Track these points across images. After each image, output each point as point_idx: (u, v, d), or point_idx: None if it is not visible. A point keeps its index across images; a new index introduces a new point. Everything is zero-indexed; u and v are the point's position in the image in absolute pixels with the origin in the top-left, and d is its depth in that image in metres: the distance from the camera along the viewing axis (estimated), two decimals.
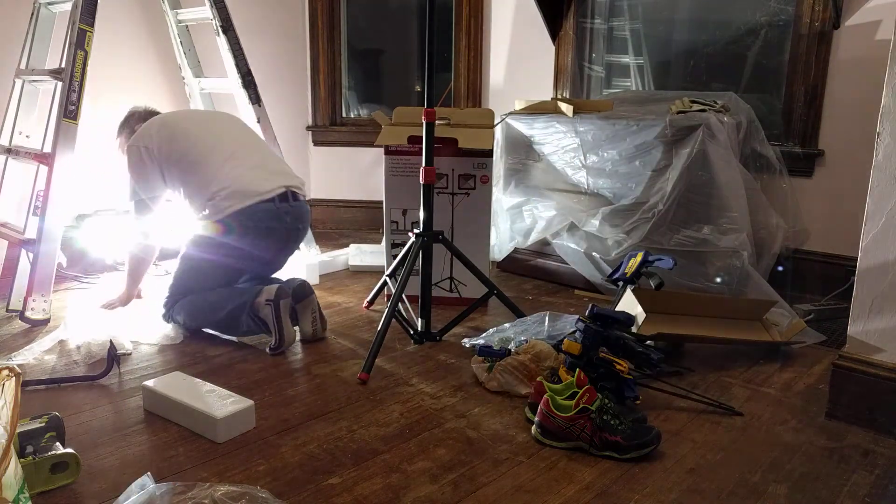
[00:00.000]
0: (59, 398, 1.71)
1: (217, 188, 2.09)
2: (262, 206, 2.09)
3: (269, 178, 2.15)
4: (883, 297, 1.56)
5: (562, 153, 2.67)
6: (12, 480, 1.10)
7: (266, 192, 2.11)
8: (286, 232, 2.16)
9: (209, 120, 2.40)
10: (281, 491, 1.33)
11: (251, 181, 2.12)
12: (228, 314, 2.05)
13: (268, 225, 2.10)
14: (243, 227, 2.07)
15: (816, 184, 2.61)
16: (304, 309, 2.10)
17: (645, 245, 2.38)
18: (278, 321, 2.00)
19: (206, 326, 2.15)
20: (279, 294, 2.01)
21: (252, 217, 2.07)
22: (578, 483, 1.38)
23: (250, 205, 2.07)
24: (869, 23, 2.42)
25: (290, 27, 3.64)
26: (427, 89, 2.01)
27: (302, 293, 2.10)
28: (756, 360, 2.01)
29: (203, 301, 2.11)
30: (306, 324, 2.11)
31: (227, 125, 2.36)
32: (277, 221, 2.11)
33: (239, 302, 2.04)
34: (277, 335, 2.01)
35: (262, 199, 2.09)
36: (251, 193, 2.09)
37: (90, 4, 2.30)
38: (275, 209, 2.11)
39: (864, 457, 1.49)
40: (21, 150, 2.47)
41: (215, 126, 2.32)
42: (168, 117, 2.34)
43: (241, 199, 2.07)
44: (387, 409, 1.68)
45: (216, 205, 2.08)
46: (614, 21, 3.18)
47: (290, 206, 2.15)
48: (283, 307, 2.01)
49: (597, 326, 1.70)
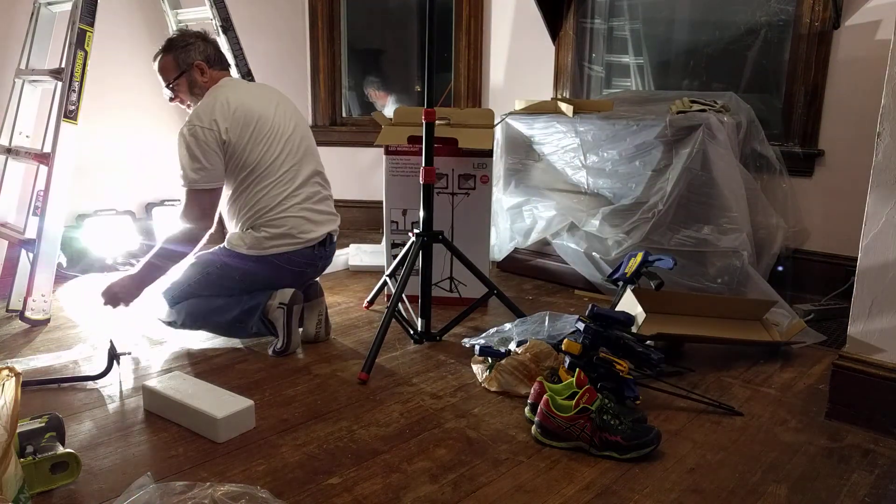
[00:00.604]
0: (58, 398, 1.71)
1: (269, 219, 2.01)
2: (304, 252, 2.07)
3: (319, 220, 2.10)
4: (883, 297, 1.56)
5: (562, 153, 2.67)
6: (12, 480, 1.10)
7: (313, 239, 2.08)
8: (314, 273, 2.17)
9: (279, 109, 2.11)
10: (281, 491, 1.33)
11: (303, 225, 2.05)
12: (237, 317, 2.03)
13: (303, 270, 2.10)
14: (278, 267, 2.04)
15: (816, 184, 2.61)
16: (312, 310, 2.10)
17: (645, 245, 2.38)
18: (288, 325, 2.00)
19: (208, 328, 2.11)
20: (293, 300, 2.01)
21: (290, 262, 2.05)
22: (578, 483, 1.38)
23: (295, 250, 2.05)
24: (869, 23, 2.42)
25: (291, 27, 3.64)
26: (427, 89, 2.01)
27: (312, 293, 2.10)
28: (756, 360, 2.01)
29: (209, 304, 2.06)
30: (311, 325, 2.10)
31: (292, 121, 2.14)
32: (311, 267, 2.12)
33: (251, 304, 2.02)
34: (286, 339, 2.00)
35: (307, 245, 2.06)
36: (301, 240, 2.05)
37: (90, 4, 2.31)
38: (313, 255, 2.10)
39: (864, 457, 1.49)
40: (21, 150, 2.47)
41: (284, 123, 2.09)
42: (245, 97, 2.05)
43: (288, 244, 2.03)
44: (387, 409, 1.68)
45: (260, 240, 2.01)
46: (614, 21, 3.18)
47: (325, 251, 2.14)
48: (294, 312, 2.01)
49: (597, 326, 1.70)
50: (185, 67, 2.10)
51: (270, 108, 2.09)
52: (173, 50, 2.12)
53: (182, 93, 2.13)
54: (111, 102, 2.96)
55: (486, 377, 1.80)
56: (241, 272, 2.04)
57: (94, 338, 2.12)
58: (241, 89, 2.11)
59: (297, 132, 2.13)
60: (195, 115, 2.00)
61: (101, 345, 2.03)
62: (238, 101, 2.02)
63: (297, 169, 2.08)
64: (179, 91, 2.13)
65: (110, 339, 1.88)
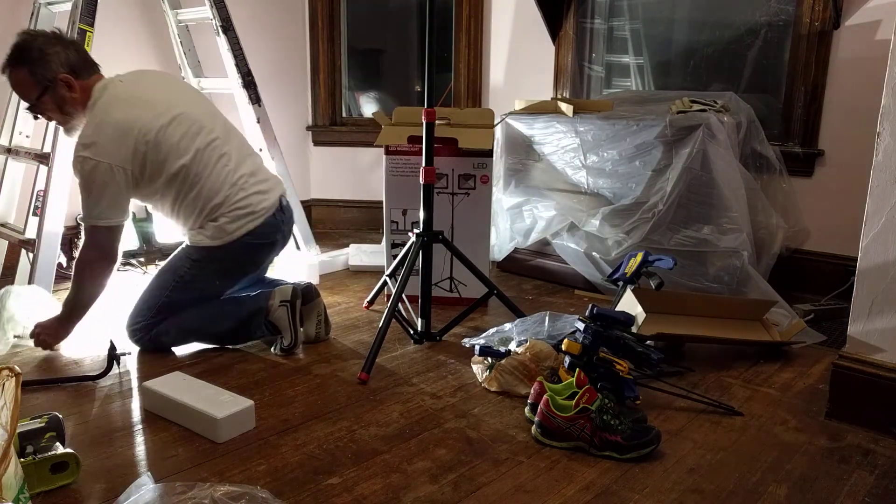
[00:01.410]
0: (58, 398, 1.71)
1: (225, 209, 1.95)
2: (268, 221, 2.02)
3: (267, 188, 2.06)
4: (883, 297, 1.56)
5: (562, 153, 2.68)
6: (12, 480, 1.10)
7: (271, 206, 2.03)
8: (283, 241, 2.15)
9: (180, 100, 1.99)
10: (281, 491, 1.33)
11: (257, 197, 2.00)
12: (236, 324, 2.01)
13: (272, 239, 2.08)
14: (250, 246, 2.02)
15: (816, 183, 2.61)
16: (311, 312, 2.09)
17: (645, 245, 2.38)
18: (293, 322, 2.00)
19: (203, 340, 2.05)
20: (294, 295, 2.01)
21: (260, 236, 2.02)
22: (578, 483, 1.38)
23: (260, 224, 2.00)
24: (869, 23, 2.42)
25: (291, 27, 3.64)
26: (427, 89, 2.01)
27: (309, 296, 2.09)
28: (756, 360, 2.01)
29: (200, 315, 2.01)
30: (311, 326, 2.10)
31: (196, 102, 2.04)
32: (279, 234, 2.10)
33: (251, 309, 2.01)
34: (293, 335, 2.00)
35: (268, 215, 2.02)
36: (260, 213, 2.00)
37: (90, 4, 2.31)
38: (276, 222, 2.06)
39: (865, 457, 1.49)
40: (21, 150, 2.47)
41: (191, 109, 1.97)
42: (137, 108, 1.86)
43: (251, 220, 1.98)
44: (387, 409, 1.68)
45: (222, 228, 1.95)
46: (614, 21, 3.18)
47: (285, 215, 2.12)
48: (297, 307, 2.02)
49: (597, 326, 1.70)
50: (47, 84, 1.83)
51: (169, 101, 1.91)
52: (27, 63, 1.81)
53: (50, 111, 1.90)
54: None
55: (486, 377, 1.80)
56: (215, 265, 1.99)
57: (94, 338, 2.12)
58: (127, 98, 1.88)
59: (205, 110, 2.00)
60: (81, 143, 1.81)
61: (101, 345, 2.03)
62: (133, 120, 1.82)
63: (228, 150, 1.99)
64: (46, 110, 1.89)
65: (110, 339, 1.88)
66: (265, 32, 3.50)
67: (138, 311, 2.00)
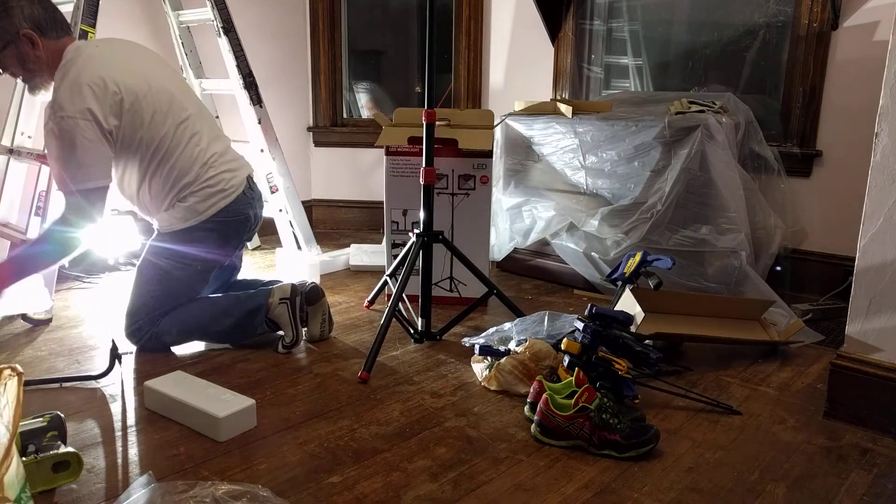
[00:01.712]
0: (60, 397, 1.72)
1: (195, 188, 1.94)
2: (240, 198, 2.03)
3: (237, 166, 2.06)
4: (881, 297, 1.57)
5: (561, 154, 2.68)
6: (14, 479, 1.10)
7: (240, 184, 2.04)
8: (255, 219, 2.16)
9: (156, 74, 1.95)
10: (282, 489, 1.33)
11: (227, 175, 2.01)
12: (237, 322, 2.02)
13: (246, 216, 2.09)
14: (224, 223, 2.01)
15: (814, 184, 2.61)
16: (316, 311, 2.10)
17: (643, 245, 2.39)
18: (294, 318, 2.02)
19: (205, 339, 2.06)
20: (293, 292, 2.03)
21: (233, 213, 2.02)
22: (578, 481, 1.38)
23: (231, 202, 2.00)
24: (867, 24, 2.42)
25: (292, 28, 3.65)
26: (427, 90, 2.01)
27: (315, 296, 2.09)
28: (754, 359, 2.02)
29: (201, 314, 2.02)
30: (315, 325, 2.11)
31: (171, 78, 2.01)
32: (251, 210, 2.11)
33: (251, 307, 2.02)
34: (294, 332, 2.02)
35: (238, 192, 2.02)
36: (230, 190, 2.00)
37: (92, 5, 2.31)
38: (247, 198, 2.07)
39: (863, 456, 1.50)
40: (23, 150, 2.47)
41: (167, 84, 1.95)
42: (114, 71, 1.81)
43: (223, 197, 1.98)
44: (387, 408, 1.69)
45: (193, 208, 1.94)
46: (613, 22, 3.18)
47: (254, 192, 2.13)
48: (297, 304, 2.04)
49: (596, 326, 1.71)
50: (10, 38, 1.77)
51: (146, 73, 1.88)
52: None
53: (12, 67, 1.84)
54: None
55: (486, 376, 1.81)
56: (191, 248, 1.97)
57: (96, 338, 2.13)
58: (105, 61, 1.82)
59: (179, 86, 2.00)
60: (57, 103, 1.73)
61: (103, 344, 2.04)
62: (111, 81, 1.77)
63: (200, 128, 1.97)
64: (8, 66, 1.83)
65: (112, 339, 1.88)
66: (266, 33, 3.51)
67: (132, 313, 1.99)
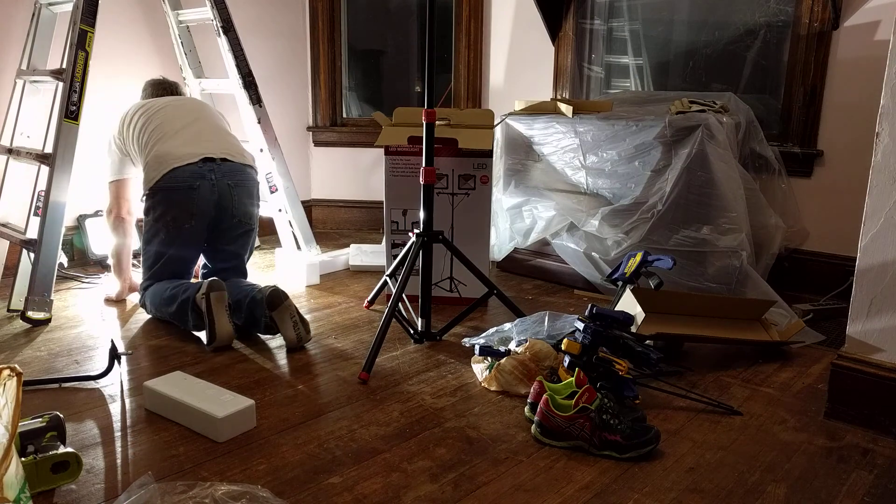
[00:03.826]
0: (59, 398, 1.72)
1: (146, 161, 2.22)
2: (185, 169, 2.17)
3: (197, 147, 2.24)
4: (882, 297, 1.56)
5: (561, 153, 2.68)
6: (13, 480, 1.10)
7: (188, 155, 2.19)
8: (211, 187, 2.19)
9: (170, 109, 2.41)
10: (281, 490, 1.33)
11: (175, 149, 2.21)
12: (179, 307, 2.09)
13: (189, 184, 2.16)
14: (168, 192, 2.16)
15: (815, 184, 2.61)
16: (282, 315, 2.02)
17: (644, 245, 2.39)
18: (209, 314, 1.99)
19: (166, 318, 2.18)
20: (210, 287, 2.01)
21: (174, 180, 2.15)
22: (578, 482, 1.38)
23: (171, 169, 2.16)
24: (868, 23, 2.42)
25: (291, 28, 3.65)
26: (427, 90, 2.01)
27: (275, 300, 2.02)
28: (755, 359, 2.02)
29: (163, 291, 2.16)
30: (287, 329, 2.03)
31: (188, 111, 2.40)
32: (201, 179, 2.18)
33: (186, 296, 2.07)
34: (208, 329, 2.01)
35: (183, 163, 2.17)
36: (172, 158, 2.18)
37: (91, 5, 2.31)
38: (197, 170, 2.19)
39: (863, 456, 1.50)
40: (22, 150, 2.47)
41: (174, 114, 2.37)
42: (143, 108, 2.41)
43: (165, 165, 2.17)
44: (387, 409, 1.68)
45: (145, 178, 2.20)
46: (614, 22, 3.18)
47: (215, 164, 2.21)
48: (213, 300, 1.99)
49: (596, 326, 1.71)
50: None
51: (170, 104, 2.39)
52: None
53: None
54: (112, 102, 2.96)
55: (486, 377, 1.81)
56: (152, 212, 2.19)
57: (95, 338, 2.12)
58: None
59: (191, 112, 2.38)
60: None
61: (102, 344, 2.04)
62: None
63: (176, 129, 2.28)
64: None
65: (111, 339, 1.88)
66: (266, 33, 3.50)
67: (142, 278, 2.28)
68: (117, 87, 3.01)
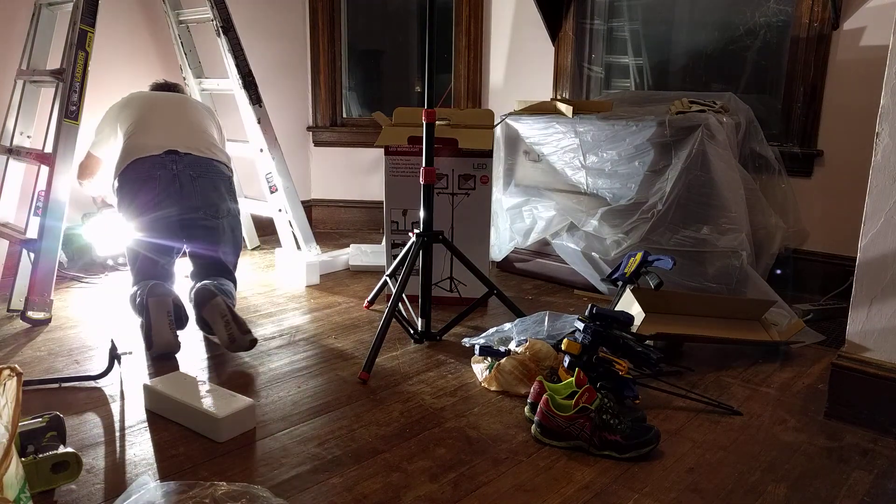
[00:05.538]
0: (59, 398, 1.72)
1: (119, 152, 2.28)
2: (146, 160, 2.20)
3: (165, 141, 2.27)
4: (882, 297, 1.56)
5: (561, 153, 2.68)
6: (13, 480, 1.10)
7: (153, 147, 2.23)
8: (172, 177, 2.19)
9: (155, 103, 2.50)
10: (282, 490, 1.33)
11: (143, 142, 2.26)
12: (137, 309, 2.05)
13: (150, 174, 2.19)
14: (129, 182, 2.19)
15: (815, 184, 2.61)
16: (212, 315, 1.92)
17: (644, 245, 2.39)
18: (147, 320, 1.93)
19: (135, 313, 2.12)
20: (150, 292, 1.95)
21: (135, 170, 2.19)
22: (578, 482, 1.38)
23: (134, 160, 2.20)
24: (868, 23, 2.42)
25: (291, 28, 3.65)
26: (427, 90, 2.01)
27: (201, 298, 1.95)
28: (755, 359, 2.02)
29: (133, 287, 2.15)
30: (219, 330, 1.92)
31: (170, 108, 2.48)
32: (162, 169, 2.19)
33: (140, 298, 2.02)
34: (144, 336, 1.96)
35: (146, 154, 2.21)
36: (137, 150, 2.23)
37: (91, 5, 2.31)
38: (159, 160, 2.21)
39: (863, 456, 1.50)
40: (22, 150, 2.47)
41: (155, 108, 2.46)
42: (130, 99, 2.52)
43: (130, 156, 2.21)
44: (387, 409, 1.68)
45: (115, 167, 2.26)
46: (614, 22, 3.18)
47: (178, 156, 2.23)
48: (151, 305, 1.93)
49: (596, 326, 1.71)
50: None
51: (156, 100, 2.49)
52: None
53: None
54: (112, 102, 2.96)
55: (486, 377, 1.81)
56: (121, 203, 2.22)
57: (95, 338, 2.12)
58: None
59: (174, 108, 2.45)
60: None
61: (102, 344, 2.04)
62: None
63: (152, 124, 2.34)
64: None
65: (111, 339, 1.88)
66: (266, 33, 3.50)
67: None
68: (117, 87, 3.01)
